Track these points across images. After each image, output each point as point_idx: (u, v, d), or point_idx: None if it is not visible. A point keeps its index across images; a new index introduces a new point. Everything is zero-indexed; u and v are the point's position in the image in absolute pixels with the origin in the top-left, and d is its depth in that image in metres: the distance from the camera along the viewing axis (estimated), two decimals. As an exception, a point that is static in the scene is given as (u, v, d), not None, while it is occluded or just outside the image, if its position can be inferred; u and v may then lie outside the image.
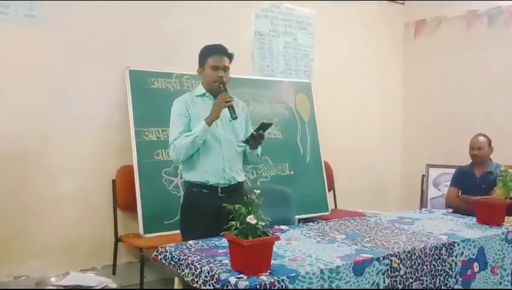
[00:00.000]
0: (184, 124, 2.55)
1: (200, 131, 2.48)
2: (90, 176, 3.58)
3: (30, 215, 3.35)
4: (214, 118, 2.50)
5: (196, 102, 2.62)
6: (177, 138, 2.52)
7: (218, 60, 2.58)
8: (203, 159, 2.54)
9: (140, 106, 3.53)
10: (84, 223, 3.55)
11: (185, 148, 2.49)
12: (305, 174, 4.41)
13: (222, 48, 2.62)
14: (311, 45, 4.79)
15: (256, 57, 4.47)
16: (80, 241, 3.52)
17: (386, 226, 2.70)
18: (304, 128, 4.51)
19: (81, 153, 3.54)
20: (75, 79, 3.51)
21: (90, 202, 3.58)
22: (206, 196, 2.54)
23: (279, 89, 4.43)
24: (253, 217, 1.79)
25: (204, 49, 2.65)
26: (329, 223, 2.76)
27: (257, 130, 2.54)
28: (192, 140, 2.47)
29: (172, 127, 2.59)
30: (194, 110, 2.58)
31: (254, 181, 4.07)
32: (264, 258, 1.82)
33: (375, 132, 5.30)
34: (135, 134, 3.51)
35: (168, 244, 2.15)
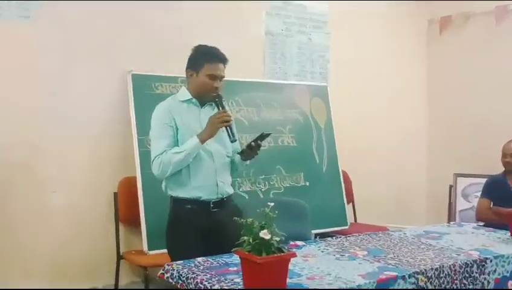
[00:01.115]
0: (170, 136, 2.51)
1: (192, 149, 2.46)
2: (89, 188, 3.61)
3: (20, 232, 3.36)
4: (208, 137, 2.49)
5: (182, 108, 2.58)
6: (163, 152, 2.47)
7: (217, 68, 2.55)
8: (194, 174, 2.53)
9: (143, 112, 3.53)
10: (83, 239, 3.57)
11: (173, 165, 2.46)
12: (321, 185, 4.41)
13: (222, 55, 2.59)
14: (327, 45, 4.81)
15: (268, 58, 4.49)
16: (79, 259, 3.54)
17: (411, 241, 2.69)
18: (320, 135, 4.51)
19: (80, 164, 3.58)
20: (72, 83, 3.55)
21: (89, 216, 3.61)
22: (197, 212, 2.53)
23: (292, 93, 4.44)
24: (267, 232, 1.79)
25: (200, 50, 2.61)
26: (349, 238, 2.75)
27: (255, 141, 2.55)
28: (183, 158, 2.45)
29: (155, 138, 2.54)
30: (181, 117, 2.54)
31: (266, 193, 4.07)
32: (279, 277, 1.82)
33: (397, 138, 5.28)
34: (138, 143, 3.54)
35: (175, 262, 2.15)
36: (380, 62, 5.15)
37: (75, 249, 3.53)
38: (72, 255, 3.51)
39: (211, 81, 2.55)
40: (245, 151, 2.59)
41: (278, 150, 4.21)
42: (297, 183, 4.29)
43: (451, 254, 2.40)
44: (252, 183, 4.02)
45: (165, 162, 2.46)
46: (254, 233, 1.81)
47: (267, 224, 1.83)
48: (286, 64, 4.58)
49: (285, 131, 4.31)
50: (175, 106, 2.58)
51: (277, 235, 1.83)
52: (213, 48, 2.61)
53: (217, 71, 2.56)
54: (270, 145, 4.14)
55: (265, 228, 1.81)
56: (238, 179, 3.89)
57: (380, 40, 5.16)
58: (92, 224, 3.61)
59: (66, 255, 3.49)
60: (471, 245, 2.60)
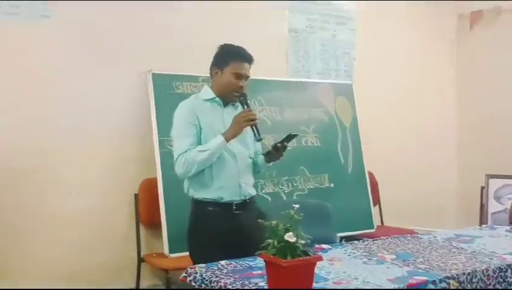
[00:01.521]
0: (194, 134, 2.52)
1: (216, 148, 2.47)
2: (109, 190, 3.65)
3: (37, 237, 3.41)
4: (233, 136, 2.50)
5: (205, 107, 2.60)
6: (187, 150, 2.48)
7: (243, 67, 2.57)
8: (217, 174, 2.53)
9: (163, 112, 3.56)
10: (104, 242, 3.61)
11: (197, 164, 2.47)
12: (346, 186, 4.39)
13: (249, 54, 2.61)
14: (353, 41, 4.78)
15: (291, 56, 4.49)
16: (99, 262, 3.58)
17: (441, 245, 2.66)
18: (345, 135, 4.49)
19: (100, 165, 3.62)
20: (91, 84, 3.59)
21: (110, 218, 3.65)
22: (219, 214, 2.54)
23: (316, 91, 4.43)
24: (293, 235, 1.79)
25: (227, 48, 2.63)
26: (376, 241, 2.73)
27: (282, 142, 2.55)
28: (207, 157, 2.47)
29: (179, 136, 2.55)
30: (204, 117, 2.56)
31: (289, 195, 4.07)
32: (305, 281, 1.82)
33: (426, 137, 5.23)
34: (159, 144, 3.57)
35: (198, 265, 2.17)
36: (408, 59, 5.11)
37: (96, 252, 3.57)
38: (92, 258, 3.55)
39: (236, 80, 2.56)
40: (270, 153, 2.60)
41: (302, 150, 4.20)
42: (322, 185, 4.28)
43: (484, 258, 2.37)
44: (274, 184, 4.02)
45: (189, 161, 2.47)
46: (279, 236, 1.81)
47: (292, 226, 1.83)
48: (309, 62, 4.57)
49: (309, 131, 4.30)
50: (198, 105, 2.60)
51: (302, 238, 1.83)
52: (239, 47, 2.63)
53: (243, 70, 2.57)
54: (293, 146, 4.12)
55: (290, 230, 1.81)
56: (261, 181, 3.89)
57: (407, 36, 5.12)
58: (113, 226, 3.66)
59: (86, 258, 3.53)
60: (504, 249, 2.56)
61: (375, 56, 4.85)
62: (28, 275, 3.34)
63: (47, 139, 3.45)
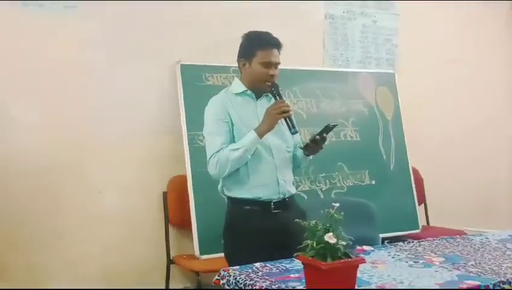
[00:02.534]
0: (226, 132, 2.53)
1: (250, 144, 2.47)
2: (136, 189, 3.70)
3: (66, 236, 3.49)
4: (267, 130, 2.49)
5: (236, 102, 2.60)
6: (219, 149, 2.49)
7: (272, 54, 2.55)
8: (253, 171, 2.54)
9: (193, 106, 3.60)
10: (131, 243, 3.67)
11: (231, 164, 2.48)
12: (389, 184, 4.36)
13: (275, 39, 2.59)
14: (395, 27, 4.73)
15: (328, 44, 4.46)
16: (127, 264, 3.64)
17: (494, 247, 2.61)
18: (387, 128, 4.45)
19: (125, 163, 3.66)
20: (116, 77, 3.64)
21: (138, 218, 3.70)
22: (257, 213, 2.55)
23: (355, 82, 4.40)
24: (333, 236, 1.78)
25: (251, 37, 2.62)
26: (422, 243, 2.71)
27: (320, 134, 2.53)
28: (241, 155, 2.47)
29: (211, 135, 2.57)
30: (236, 112, 2.56)
31: (327, 193, 4.06)
32: (346, 285, 1.81)
33: (475, 131, 5.14)
34: (188, 139, 3.60)
35: (232, 267, 2.18)
36: (456, 46, 5.02)
37: (123, 253, 3.63)
38: (119, 259, 3.62)
39: (266, 69, 2.55)
40: (309, 145, 2.58)
41: (340, 145, 4.19)
42: (362, 182, 4.26)
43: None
44: (311, 182, 4.01)
45: (222, 161, 2.49)
46: (318, 236, 1.81)
47: (332, 227, 1.82)
48: (348, 50, 4.54)
49: (348, 124, 4.28)
50: (229, 100, 2.60)
51: (343, 239, 1.82)
52: (264, 32, 2.62)
53: (272, 57, 2.56)
54: (331, 140, 4.10)
55: (330, 231, 1.80)
56: (296, 178, 3.86)
57: (455, 21, 5.04)
58: (140, 226, 3.71)
59: (113, 259, 3.60)
60: None
61: (419, 43, 4.78)
62: (56, 275, 3.43)
63: (74, 136, 3.51)
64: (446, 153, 4.93)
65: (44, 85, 3.44)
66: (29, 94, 3.40)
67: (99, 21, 3.58)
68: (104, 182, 3.60)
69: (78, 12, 3.50)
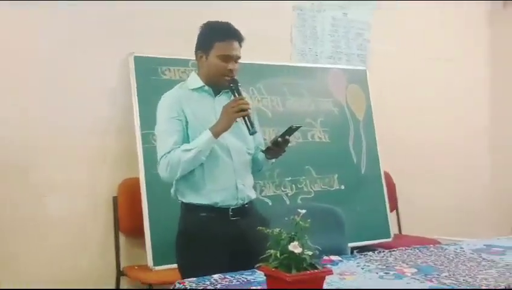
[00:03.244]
0: (179, 131, 2.52)
1: (204, 144, 2.46)
2: (83, 192, 3.66)
3: (9, 241, 3.41)
4: (223, 130, 2.48)
5: (192, 98, 2.59)
6: (171, 150, 2.48)
7: (230, 47, 2.55)
8: (210, 175, 2.53)
9: (147, 102, 3.54)
10: (76, 252, 3.61)
11: (183, 166, 2.47)
12: (359, 189, 4.41)
13: (235, 30, 2.59)
14: (367, 21, 4.79)
15: (296, 38, 4.49)
16: (71, 276, 3.57)
17: (469, 257, 2.67)
18: (358, 129, 4.50)
19: (71, 164, 3.62)
20: (62, 70, 3.59)
21: (84, 225, 3.65)
22: (213, 221, 2.54)
23: (325, 78, 4.44)
24: (298, 245, 1.79)
25: (209, 27, 2.61)
26: (393, 252, 2.74)
27: (282, 136, 2.54)
28: (194, 156, 2.45)
29: (162, 134, 2.56)
30: (192, 109, 2.55)
31: (293, 198, 4.08)
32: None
33: (453, 134, 5.24)
34: (142, 138, 3.57)
35: (188, 279, 2.17)
36: (432, 43, 5.11)
37: (67, 263, 3.57)
38: (63, 270, 3.55)
39: (224, 63, 2.54)
40: (270, 148, 2.59)
41: (308, 147, 4.21)
42: (331, 187, 4.29)
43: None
44: (276, 186, 4.03)
45: (173, 162, 2.47)
46: (282, 246, 1.81)
47: (297, 235, 1.83)
48: (317, 44, 4.57)
49: (316, 124, 4.30)
50: (184, 96, 2.59)
51: (310, 249, 1.83)
52: (224, 23, 2.61)
53: (231, 50, 2.55)
54: (298, 142, 4.14)
55: (295, 239, 1.81)
56: (260, 182, 3.90)
57: (431, 15, 5.12)
58: (87, 234, 3.66)
59: (56, 270, 3.53)
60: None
61: (393, 38, 4.85)
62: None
63: (15, 134, 3.45)
64: (420, 157, 5.01)
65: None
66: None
67: (44, 10, 3.51)
68: (48, 185, 3.54)
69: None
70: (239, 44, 2.59)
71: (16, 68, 3.46)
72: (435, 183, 5.09)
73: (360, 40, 4.77)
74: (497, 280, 2.25)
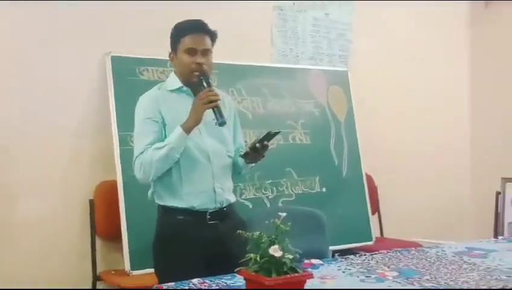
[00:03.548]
0: (155, 132, 2.50)
1: (175, 141, 2.44)
2: (58, 195, 3.63)
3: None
4: (194, 124, 2.46)
5: (170, 99, 2.58)
6: (144, 150, 2.47)
7: (196, 40, 2.53)
8: (187, 178, 2.52)
9: (125, 103, 3.51)
10: (51, 257, 3.58)
11: (155, 165, 2.45)
12: (341, 191, 4.42)
13: (200, 23, 2.58)
14: (349, 21, 4.81)
15: (276, 38, 4.49)
16: (46, 281, 3.51)
17: (451, 260, 2.68)
18: (339, 131, 4.52)
19: (46, 165, 3.59)
20: (37, 69, 3.56)
21: (59, 229, 3.62)
22: (190, 224, 2.53)
23: (306, 80, 4.45)
24: (278, 248, 1.79)
25: (177, 25, 2.61)
26: (375, 256, 2.75)
27: (260, 141, 2.53)
28: (166, 153, 2.43)
29: (138, 135, 2.55)
30: (170, 111, 2.53)
31: (274, 201, 4.08)
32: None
33: (434, 136, 5.28)
34: (119, 140, 3.55)
35: (166, 284, 2.15)
36: (414, 43, 5.15)
37: (41, 268, 3.53)
38: (37, 275, 3.51)
39: (192, 57, 2.53)
40: (248, 153, 2.58)
41: (289, 149, 4.22)
42: (312, 190, 4.30)
43: (500, 276, 2.39)
44: (256, 189, 4.02)
45: (145, 162, 2.46)
46: (262, 249, 1.81)
47: (278, 239, 1.82)
48: (298, 44, 4.58)
49: (297, 126, 4.31)
50: (162, 97, 2.58)
51: (290, 253, 1.83)
52: (192, 20, 2.60)
53: (196, 44, 2.53)
54: (278, 144, 4.14)
55: (276, 243, 1.81)
56: (240, 185, 3.89)
57: (413, 15, 5.16)
58: (63, 238, 3.63)
59: (30, 275, 3.49)
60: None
61: (374, 39, 4.88)
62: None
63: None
64: (402, 159, 5.04)
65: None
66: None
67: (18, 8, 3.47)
68: (21, 187, 3.50)
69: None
70: (209, 38, 2.57)
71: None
72: (417, 185, 5.13)
73: (341, 40, 4.78)
74: (478, 283, 2.27)
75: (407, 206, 5.01)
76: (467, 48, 5.54)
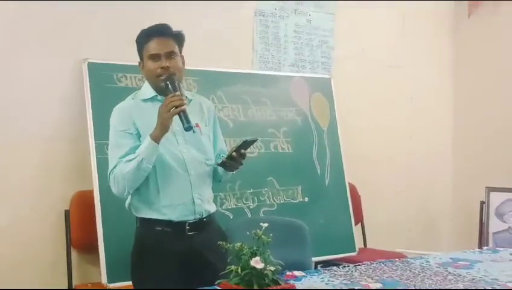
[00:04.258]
0: (128, 145, 2.48)
1: (145, 151, 2.41)
2: (31, 205, 3.59)
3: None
4: (162, 132, 2.42)
5: (144, 109, 2.55)
6: (117, 164, 2.46)
7: (158, 44, 2.51)
8: (164, 189, 2.51)
9: (102, 110, 3.49)
10: (24, 270, 3.54)
11: (127, 178, 2.43)
12: (323, 201, 4.43)
13: (162, 27, 2.56)
14: (331, 28, 4.84)
15: (258, 44, 4.50)
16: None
17: (435, 271, 2.70)
18: (322, 139, 4.53)
19: (21, 174, 3.56)
20: (8, 74, 3.53)
21: (33, 241, 3.58)
22: (168, 236, 2.52)
23: (288, 87, 4.46)
24: (260, 260, 1.79)
25: (140, 33, 2.60)
26: (358, 267, 2.76)
27: (237, 150, 2.53)
28: (137, 166, 2.40)
29: (112, 149, 2.54)
30: (144, 121, 2.50)
31: (255, 211, 4.08)
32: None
33: (417, 143, 5.32)
34: (96, 148, 3.52)
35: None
36: (397, 49, 5.18)
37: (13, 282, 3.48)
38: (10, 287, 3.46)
39: (155, 62, 2.51)
40: (225, 162, 2.57)
41: (270, 157, 4.22)
42: (294, 199, 4.30)
43: (486, 287, 2.42)
44: (237, 199, 4.02)
45: (117, 176, 2.45)
46: (243, 261, 1.81)
47: (259, 250, 1.83)
48: (280, 51, 4.59)
49: (279, 134, 4.32)
50: (136, 107, 2.56)
51: (272, 264, 1.83)
52: (154, 24, 2.59)
53: (158, 48, 2.51)
54: (260, 152, 4.15)
55: (257, 254, 1.81)
56: (221, 194, 3.89)
57: (396, 21, 5.20)
58: (36, 250, 3.59)
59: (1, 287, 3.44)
60: (509, 275, 2.62)
61: (357, 45, 4.91)
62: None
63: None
64: (385, 168, 5.07)
65: None
66: None
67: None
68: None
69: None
70: (173, 40, 2.56)
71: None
72: (400, 194, 5.16)
73: (324, 47, 4.81)
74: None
75: (391, 216, 5.03)
76: (450, 55, 5.59)
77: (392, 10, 5.14)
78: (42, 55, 3.61)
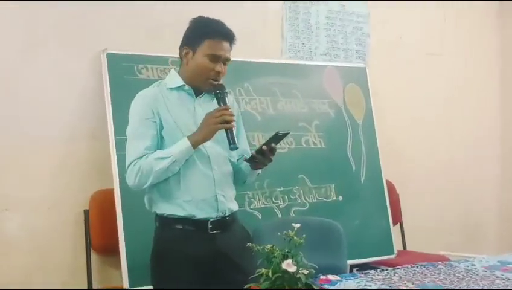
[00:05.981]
0: (152, 135, 2.52)
1: (180, 154, 2.46)
2: (50, 206, 3.63)
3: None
4: (203, 140, 2.49)
5: (170, 98, 2.58)
6: (143, 155, 2.48)
7: (221, 46, 2.55)
8: (186, 184, 2.53)
9: (122, 104, 3.49)
10: (43, 273, 3.58)
11: (154, 175, 2.46)
12: (359, 200, 4.42)
13: (229, 31, 2.60)
14: (366, 13, 4.82)
15: (288, 32, 4.50)
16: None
17: (482, 275, 2.68)
18: (357, 133, 4.51)
19: (36, 174, 3.60)
20: (27, 69, 3.57)
21: (51, 243, 3.62)
22: (189, 236, 2.54)
23: (320, 77, 4.45)
24: (292, 263, 1.79)
25: (201, 22, 2.62)
26: (397, 270, 2.75)
27: (268, 143, 2.54)
28: (168, 166, 2.45)
29: (133, 137, 2.56)
30: (169, 111, 2.54)
31: (285, 210, 4.08)
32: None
33: (462, 139, 5.28)
34: (116, 145, 3.55)
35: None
36: (440, 37, 5.13)
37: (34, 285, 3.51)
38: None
39: (212, 63, 2.55)
40: (255, 157, 2.58)
41: (301, 153, 4.22)
42: (327, 198, 4.29)
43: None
44: (266, 198, 4.02)
45: (144, 170, 2.47)
46: (274, 264, 1.81)
47: (291, 252, 1.83)
48: (311, 39, 4.58)
49: (311, 128, 4.31)
50: (161, 95, 2.59)
51: (305, 267, 1.83)
52: (217, 21, 2.62)
53: (221, 51, 2.56)
54: (290, 148, 4.14)
55: (289, 257, 1.81)
56: (249, 193, 3.89)
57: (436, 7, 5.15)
58: (55, 253, 3.63)
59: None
60: (562, 280, 2.59)
61: (394, 32, 4.88)
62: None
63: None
64: (427, 166, 5.04)
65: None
66: None
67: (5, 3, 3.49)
68: (9, 198, 3.51)
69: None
70: (230, 46, 2.60)
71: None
72: (442, 193, 5.12)
73: (358, 34, 4.79)
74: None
75: (432, 217, 5.00)
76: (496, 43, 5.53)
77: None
78: (59, 49, 3.64)
